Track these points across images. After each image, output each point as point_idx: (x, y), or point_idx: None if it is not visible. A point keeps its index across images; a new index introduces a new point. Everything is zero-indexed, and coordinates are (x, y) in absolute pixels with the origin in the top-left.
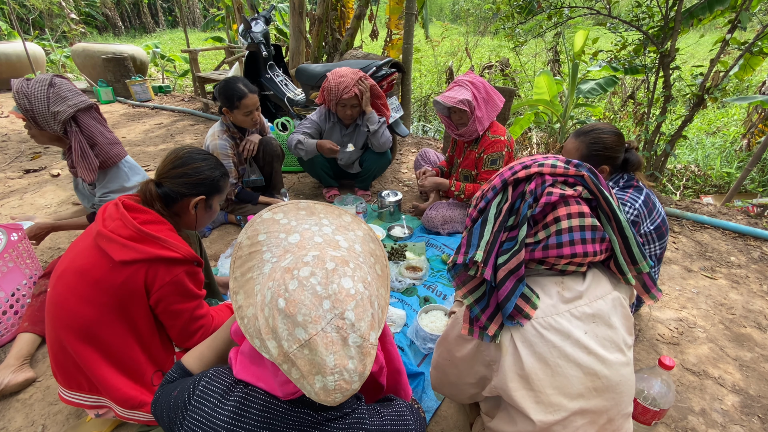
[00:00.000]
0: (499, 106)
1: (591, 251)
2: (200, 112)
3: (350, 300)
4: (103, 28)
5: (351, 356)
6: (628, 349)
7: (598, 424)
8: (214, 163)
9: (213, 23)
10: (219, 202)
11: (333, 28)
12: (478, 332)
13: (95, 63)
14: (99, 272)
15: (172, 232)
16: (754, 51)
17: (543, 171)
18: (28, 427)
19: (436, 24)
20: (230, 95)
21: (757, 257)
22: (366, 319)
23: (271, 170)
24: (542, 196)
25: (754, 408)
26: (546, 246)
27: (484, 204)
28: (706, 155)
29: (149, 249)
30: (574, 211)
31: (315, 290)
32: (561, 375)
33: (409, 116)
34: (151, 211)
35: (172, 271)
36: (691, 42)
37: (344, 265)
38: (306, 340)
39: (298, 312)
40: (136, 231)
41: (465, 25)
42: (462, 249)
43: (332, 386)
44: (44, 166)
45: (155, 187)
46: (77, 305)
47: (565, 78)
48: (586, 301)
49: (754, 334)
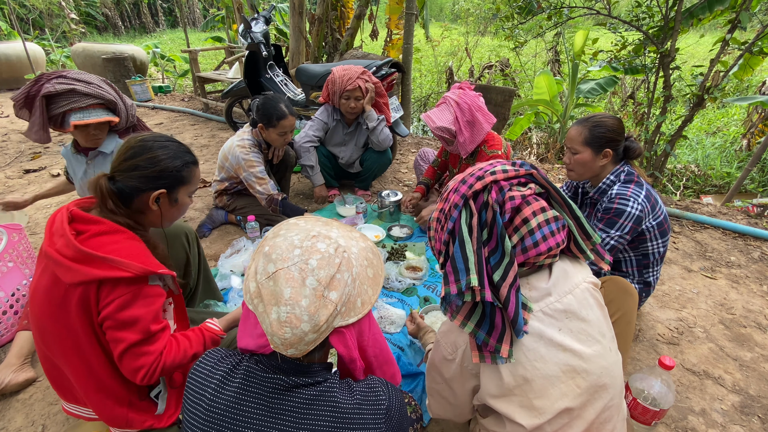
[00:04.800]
0: (485, 128)
1: (560, 240)
2: (200, 112)
3: (317, 254)
4: (103, 28)
5: (305, 295)
6: (605, 338)
7: (587, 419)
8: (175, 151)
9: (213, 23)
10: (188, 194)
11: (333, 28)
12: (490, 356)
13: (95, 63)
14: (59, 292)
15: (129, 242)
16: (754, 51)
17: (497, 178)
18: (28, 427)
19: (436, 24)
20: (270, 114)
21: (757, 257)
22: (327, 272)
23: (281, 178)
24: (506, 201)
25: (754, 408)
26: (524, 248)
27: (451, 224)
28: (706, 155)
29: (94, 271)
30: (537, 208)
31: (293, 242)
32: (540, 377)
33: (408, 116)
34: (103, 221)
35: (115, 292)
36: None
37: (326, 239)
38: (272, 273)
39: (273, 252)
40: (77, 252)
41: (465, 25)
42: (450, 278)
43: (284, 317)
44: (44, 166)
45: (107, 183)
46: (49, 325)
47: (565, 78)
48: (556, 297)
49: (754, 334)
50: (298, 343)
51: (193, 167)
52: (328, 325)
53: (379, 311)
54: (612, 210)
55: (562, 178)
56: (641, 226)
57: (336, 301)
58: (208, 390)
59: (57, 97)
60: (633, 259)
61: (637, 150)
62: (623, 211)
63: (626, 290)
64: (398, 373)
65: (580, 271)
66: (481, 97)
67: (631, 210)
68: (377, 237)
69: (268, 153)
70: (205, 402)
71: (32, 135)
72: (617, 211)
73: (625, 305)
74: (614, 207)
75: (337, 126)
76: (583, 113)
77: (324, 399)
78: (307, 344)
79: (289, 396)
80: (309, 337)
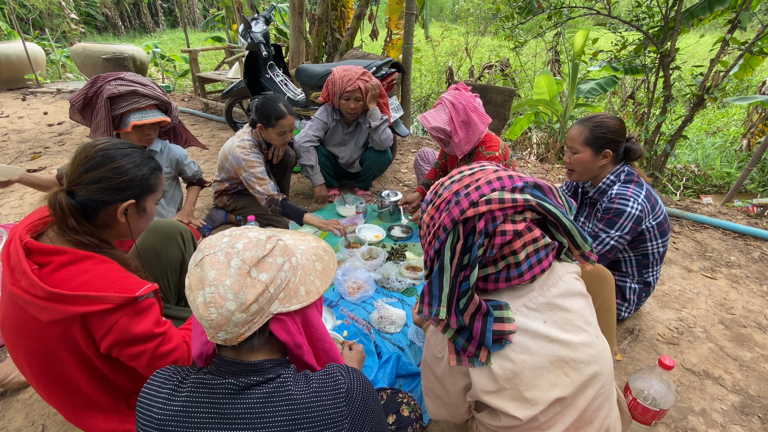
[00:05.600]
0: (480, 129)
1: (546, 265)
2: (200, 112)
3: (245, 239)
4: (103, 28)
5: (230, 275)
6: (591, 326)
7: (578, 407)
8: (139, 158)
9: (213, 23)
10: (154, 202)
11: (333, 28)
12: (467, 360)
13: (95, 63)
14: (32, 327)
15: (100, 266)
16: (754, 51)
17: (492, 208)
18: (28, 427)
19: (436, 24)
20: (269, 113)
21: (758, 257)
22: (254, 253)
23: (281, 178)
24: (496, 235)
25: (754, 408)
26: (508, 277)
27: (438, 245)
28: (706, 155)
29: (71, 308)
30: (528, 239)
31: (224, 233)
32: (528, 369)
33: (409, 116)
34: (66, 249)
35: (108, 321)
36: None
37: (261, 232)
38: (199, 260)
39: (203, 243)
40: (46, 293)
41: (465, 25)
42: (426, 299)
43: (209, 298)
44: (44, 166)
45: (67, 198)
46: (26, 359)
47: (565, 78)
48: (539, 292)
49: (754, 334)
50: (225, 325)
51: (159, 173)
52: (260, 306)
53: (379, 311)
54: (612, 210)
55: (562, 177)
56: (641, 227)
57: (266, 282)
58: (155, 407)
59: (119, 98)
60: (633, 259)
61: (638, 151)
62: (623, 211)
63: (601, 276)
64: None
65: (563, 264)
66: (479, 98)
67: (631, 210)
68: (377, 237)
69: (268, 153)
70: (155, 420)
71: (100, 136)
72: (617, 212)
73: (603, 292)
74: (614, 207)
75: (336, 126)
76: (583, 113)
77: (278, 394)
78: (237, 325)
79: (241, 399)
80: (237, 317)
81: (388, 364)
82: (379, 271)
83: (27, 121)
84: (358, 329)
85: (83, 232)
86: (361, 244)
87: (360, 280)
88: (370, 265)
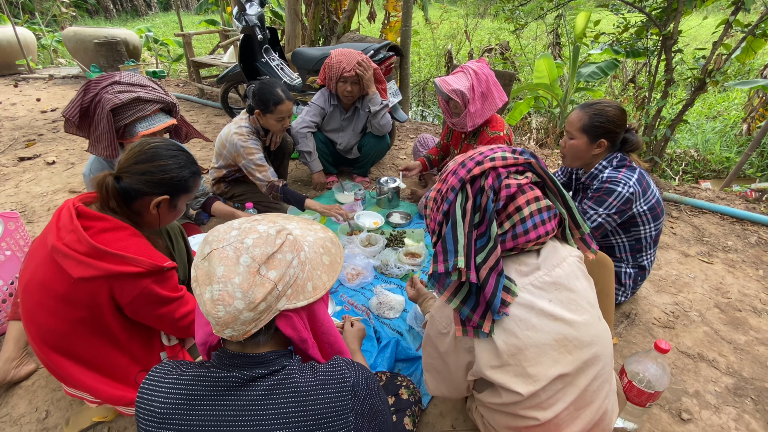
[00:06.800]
0: (497, 104)
1: (550, 229)
2: (195, 98)
3: (255, 233)
4: (94, 12)
5: (239, 273)
6: (593, 308)
7: (579, 386)
8: (185, 161)
9: (207, 6)
10: (186, 202)
11: (329, 10)
12: (473, 331)
13: (87, 47)
14: (61, 287)
15: (134, 238)
16: (757, 33)
17: (496, 165)
18: (32, 413)
19: (435, 6)
20: (266, 99)
21: (754, 242)
22: (263, 250)
23: (279, 165)
24: (501, 189)
25: (747, 390)
26: (515, 235)
27: (447, 206)
28: (705, 140)
29: (108, 266)
30: (531, 197)
31: (232, 225)
32: (532, 346)
33: (407, 101)
34: (108, 217)
35: (138, 284)
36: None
37: (271, 224)
38: (207, 254)
39: (211, 235)
40: (90, 247)
41: (464, 7)
42: (439, 257)
43: (216, 295)
44: (39, 154)
45: (114, 182)
46: (46, 319)
47: (565, 61)
48: (544, 271)
49: (749, 318)
50: (233, 323)
51: (197, 178)
52: (268, 305)
53: (378, 297)
54: (602, 189)
55: (561, 164)
56: (632, 210)
57: (275, 280)
58: (156, 402)
59: (122, 108)
60: (626, 244)
61: (635, 143)
62: (613, 190)
63: (601, 262)
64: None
65: (566, 247)
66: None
67: (621, 190)
68: (376, 223)
69: (266, 140)
70: (156, 415)
71: (101, 151)
72: (607, 190)
73: (603, 278)
74: (605, 187)
75: (334, 111)
76: (584, 98)
77: (283, 386)
78: (245, 324)
79: (246, 390)
80: (245, 316)
81: (387, 349)
82: (378, 257)
83: (20, 108)
84: (358, 315)
85: (120, 213)
86: (359, 230)
87: (359, 266)
88: (369, 252)
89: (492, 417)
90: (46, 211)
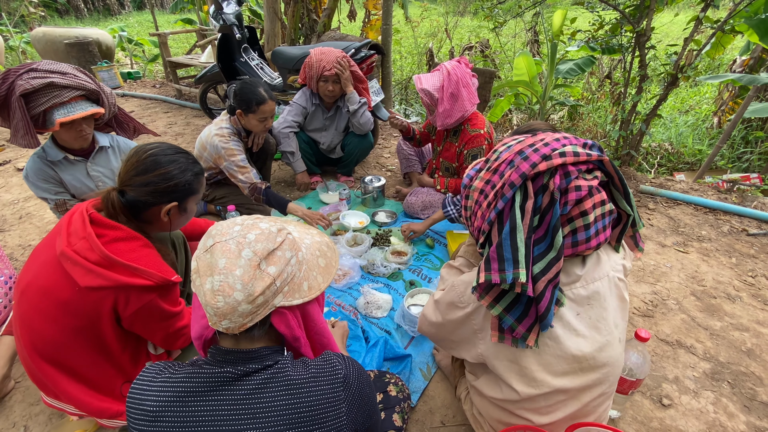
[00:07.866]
0: (466, 107)
1: (609, 235)
2: (173, 99)
3: (257, 230)
4: (64, 11)
5: (240, 265)
6: (618, 329)
7: (582, 401)
8: (185, 164)
9: (182, 4)
10: (195, 203)
11: (309, 8)
12: (512, 340)
13: (57, 49)
14: (64, 294)
15: (145, 249)
16: (726, 29)
17: (566, 161)
18: (10, 429)
19: (415, 4)
20: (249, 99)
21: (727, 231)
22: (265, 246)
23: (262, 166)
24: (570, 191)
25: (723, 374)
26: (575, 242)
27: (502, 204)
28: (679, 133)
29: (118, 277)
30: (598, 200)
31: (235, 221)
32: (548, 354)
33: (390, 99)
34: (121, 227)
35: (144, 297)
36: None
37: (272, 223)
38: (210, 246)
39: (214, 229)
40: (103, 257)
41: (444, 5)
42: (493, 264)
43: (217, 286)
44: (9, 160)
45: (119, 196)
46: (41, 325)
47: (544, 59)
48: (582, 284)
49: (724, 304)
50: (231, 314)
51: (201, 177)
52: (266, 299)
53: (365, 297)
54: None
55: None
56: None
57: (274, 276)
58: (147, 401)
59: (35, 95)
60: None
61: None
62: None
63: None
64: None
65: (611, 258)
66: (476, 78)
67: None
68: (361, 223)
69: (248, 141)
70: (149, 413)
71: (20, 141)
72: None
73: None
74: None
75: (316, 110)
76: (562, 94)
77: (276, 379)
78: (242, 316)
79: (239, 385)
80: (243, 308)
81: (375, 348)
82: (364, 257)
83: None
84: (345, 315)
85: (131, 222)
86: (345, 230)
87: (345, 266)
88: (355, 252)
89: (485, 408)
90: (18, 219)
